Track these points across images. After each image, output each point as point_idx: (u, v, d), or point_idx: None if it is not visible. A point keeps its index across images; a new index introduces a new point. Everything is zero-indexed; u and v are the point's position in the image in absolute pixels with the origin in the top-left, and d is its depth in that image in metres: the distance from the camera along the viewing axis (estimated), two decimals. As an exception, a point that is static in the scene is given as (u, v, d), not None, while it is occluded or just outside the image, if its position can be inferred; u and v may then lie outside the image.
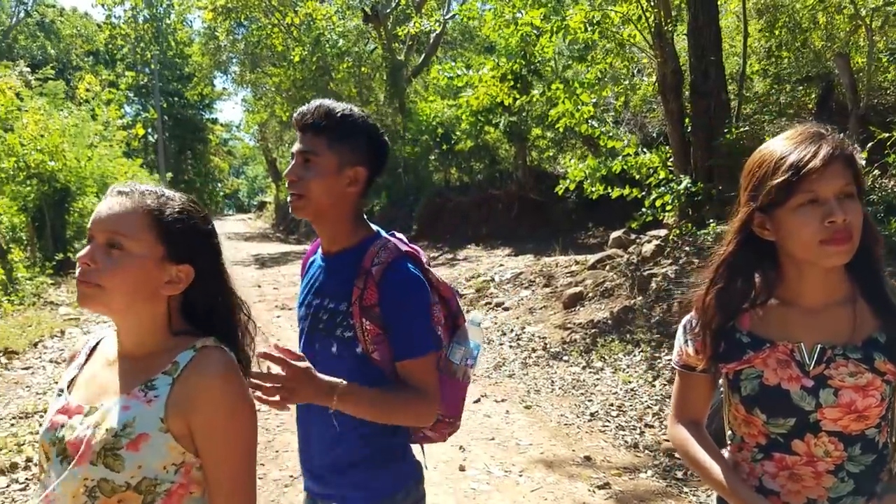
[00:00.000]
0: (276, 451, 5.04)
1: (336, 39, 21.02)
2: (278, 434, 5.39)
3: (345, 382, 1.64)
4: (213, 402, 1.33)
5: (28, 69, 23.91)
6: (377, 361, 1.75)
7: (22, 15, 44.45)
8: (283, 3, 21.91)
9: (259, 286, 13.31)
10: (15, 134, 14.49)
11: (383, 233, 1.88)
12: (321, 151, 1.75)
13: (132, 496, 1.29)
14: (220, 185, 59.25)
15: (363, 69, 22.08)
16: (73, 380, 1.45)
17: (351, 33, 21.73)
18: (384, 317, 1.72)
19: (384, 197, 20.73)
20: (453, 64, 11.27)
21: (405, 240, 1.88)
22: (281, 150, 34.63)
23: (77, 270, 1.33)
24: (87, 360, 1.48)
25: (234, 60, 28.99)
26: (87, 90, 24.38)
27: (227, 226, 37.22)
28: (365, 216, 1.88)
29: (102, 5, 41.88)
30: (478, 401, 6.09)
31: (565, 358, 7.19)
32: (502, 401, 6.11)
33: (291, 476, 4.59)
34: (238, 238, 27.39)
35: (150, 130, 39.45)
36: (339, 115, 1.76)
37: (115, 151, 23.89)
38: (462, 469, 4.66)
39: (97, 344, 1.51)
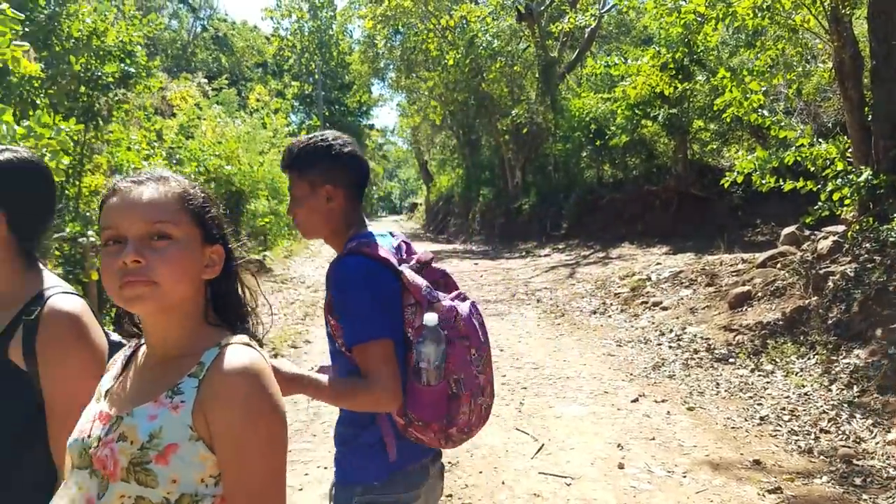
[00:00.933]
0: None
1: (490, 40, 21.19)
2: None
3: (309, 374, 1.83)
4: (229, 400, 1.17)
5: (205, 80, 25.88)
6: (348, 355, 1.85)
7: (199, 30, 48.31)
8: (439, 7, 22.38)
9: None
10: (196, 140, 15.73)
11: (367, 236, 1.96)
12: (296, 183, 1.96)
13: None
14: (374, 188, 61.57)
15: (515, 68, 22.11)
16: (108, 391, 1.33)
17: (504, 33, 21.82)
18: (335, 311, 1.86)
19: (533, 195, 20.63)
20: (608, 57, 11.01)
21: (381, 244, 1.93)
22: (432, 153, 35.39)
23: (120, 274, 1.19)
24: (123, 370, 1.37)
25: (391, 67, 29.95)
26: (257, 100, 26.12)
27: (381, 226, 38.42)
28: (364, 226, 2.01)
29: (271, 18, 44.82)
30: (636, 400, 5.91)
31: (731, 360, 6.83)
32: (662, 401, 5.89)
33: (450, 462, 4.67)
34: (392, 238, 28.21)
35: (312, 137, 41.57)
36: (296, 149, 1.96)
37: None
38: (621, 467, 4.54)
39: (134, 352, 1.40)
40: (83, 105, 11.42)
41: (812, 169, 8.13)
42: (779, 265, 8.37)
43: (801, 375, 6.06)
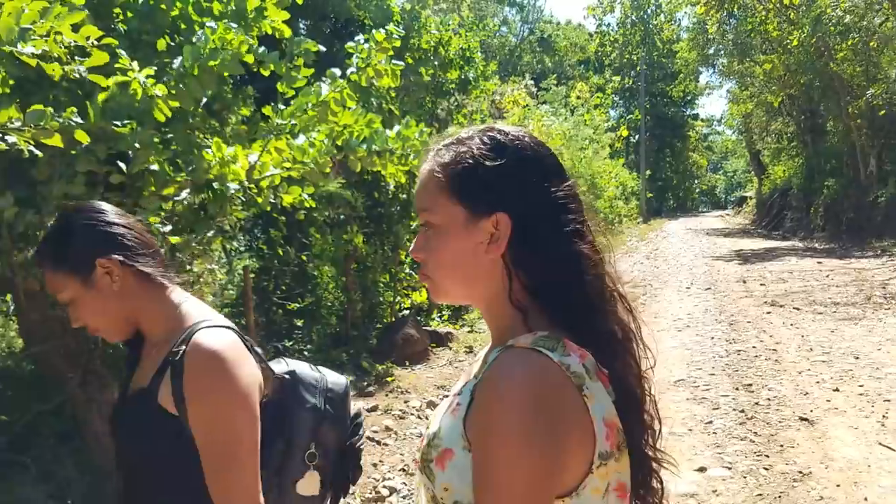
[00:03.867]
0: (781, 446, 4.81)
1: (840, 16, 19.08)
2: (780, 429, 5.14)
3: None
4: (475, 414, 0.97)
5: (531, 82, 27.02)
6: None
7: (526, 33, 50.45)
8: (782, -15, 20.77)
9: (744, 281, 12.89)
10: (523, 141, 16.48)
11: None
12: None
13: None
14: (696, 181, 58.96)
15: (871, 44, 19.60)
16: None
17: (858, 7, 19.48)
18: None
19: (892, 186, 18.12)
20: None
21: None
22: (766, 141, 32.84)
23: None
24: None
25: (722, 52, 28.50)
26: (578, 97, 26.59)
27: (706, 222, 36.87)
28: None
29: (593, 16, 45.24)
30: None
31: None
32: None
33: (801, 472, 4.33)
34: (716, 234, 26.94)
35: (631, 131, 41.26)
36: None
37: (602, 153, 25.62)
38: None
39: None
40: (427, 111, 12.61)
41: None
42: None
43: None
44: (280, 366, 1.58)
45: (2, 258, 3.50)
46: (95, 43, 2.39)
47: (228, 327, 1.46)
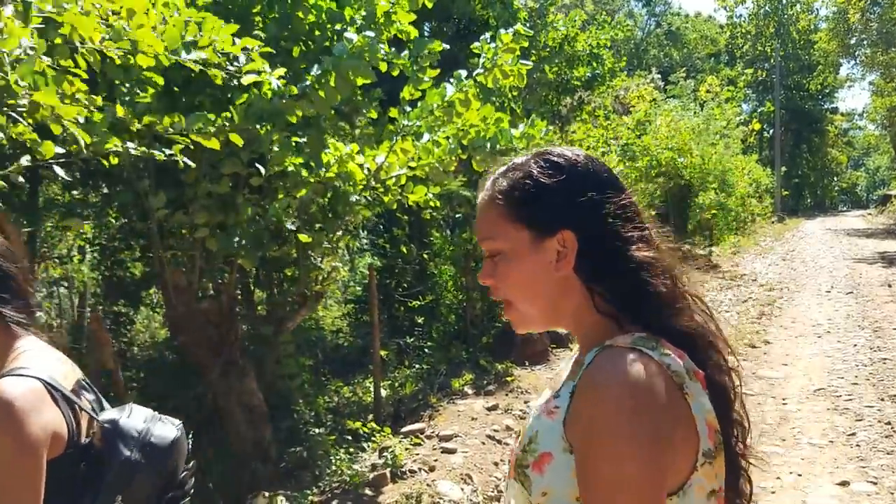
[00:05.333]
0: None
1: None
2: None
3: None
4: (595, 425, 0.95)
5: (658, 75, 26.27)
6: None
7: (652, 26, 49.06)
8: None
9: (889, 285, 12.02)
10: (649, 135, 16.04)
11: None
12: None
13: None
14: (835, 179, 55.50)
15: None
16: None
17: None
18: None
19: None
20: None
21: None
22: (915, 136, 30.51)
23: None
24: None
25: (865, 42, 26.76)
26: (708, 91, 25.58)
27: (846, 222, 34.63)
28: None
29: (724, 7, 43.42)
30: None
31: None
32: None
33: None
34: (858, 235, 25.23)
35: (764, 125, 39.32)
36: None
37: (733, 148, 24.51)
38: None
39: None
40: (551, 108, 12.49)
41: None
42: None
43: None
44: (119, 413, 1.57)
45: (151, 254, 3.76)
46: (251, 49, 2.54)
47: (37, 377, 1.44)
